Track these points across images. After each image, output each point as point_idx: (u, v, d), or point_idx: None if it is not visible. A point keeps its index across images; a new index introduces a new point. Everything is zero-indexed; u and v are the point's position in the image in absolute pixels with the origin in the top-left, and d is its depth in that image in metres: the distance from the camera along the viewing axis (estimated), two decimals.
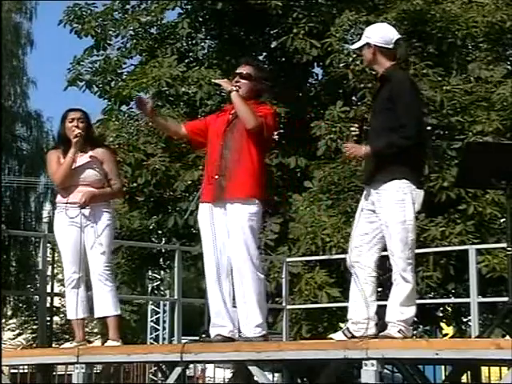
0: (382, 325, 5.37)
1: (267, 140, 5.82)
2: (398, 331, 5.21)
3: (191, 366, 12.61)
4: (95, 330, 25.32)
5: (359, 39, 5.66)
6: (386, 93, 5.40)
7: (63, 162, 6.49)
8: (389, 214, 5.32)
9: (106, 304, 6.40)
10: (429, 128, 11.29)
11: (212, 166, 5.76)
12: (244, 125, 5.67)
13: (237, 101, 5.72)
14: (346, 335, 5.39)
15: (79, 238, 6.42)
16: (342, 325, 11.46)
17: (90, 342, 9.27)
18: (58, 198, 6.62)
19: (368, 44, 5.48)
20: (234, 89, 5.78)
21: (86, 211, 6.41)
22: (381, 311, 5.43)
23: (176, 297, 9.45)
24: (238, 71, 5.98)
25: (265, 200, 5.84)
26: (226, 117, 5.87)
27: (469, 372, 6.77)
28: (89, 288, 6.53)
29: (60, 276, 33.34)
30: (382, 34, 5.51)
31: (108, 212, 6.53)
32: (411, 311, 5.32)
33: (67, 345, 6.63)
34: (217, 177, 5.68)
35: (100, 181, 6.51)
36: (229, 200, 5.66)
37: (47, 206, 29.51)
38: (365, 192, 5.58)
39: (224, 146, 5.71)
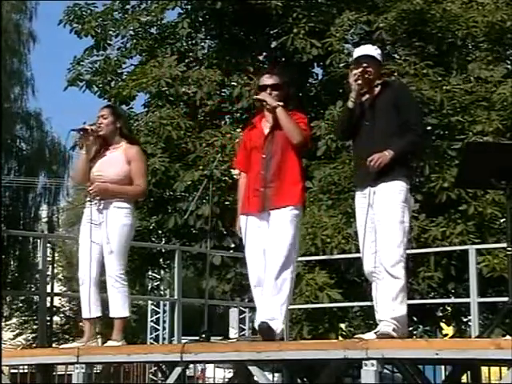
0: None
1: (306, 148, 5.99)
2: (393, 330, 5.21)
3: (191, 365, 12.60)
4: (95, 330, 25.28)
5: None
6: (388, 97, 5.54)
7: (78, 159, 6.47)
8: (388, 212, 5.37)
9: (115, 304, 6.29)
10: (429, 128, 11.31)
11: (255, 178, 5.80)
12: (286, 137, 5.73)
13: (283, 117, 5.74)
14: (378, 337, 5.32)
15: (95, 236, 6.31)
16: (342, 325, 11.47)
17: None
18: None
19: (380, 62, 5.71)
20: (281, 104, 5.77)
21: (100, 208, 6.29)
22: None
23: (176, 297, 9.45)
24: (266, 83, 5.89)
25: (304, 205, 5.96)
26: (260, 129, 5.90)
27: (469, 372, 6.76)
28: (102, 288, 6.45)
29: (60, 276, 33.35)
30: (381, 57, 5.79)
31: (122, 209, 6.31)
32: (403, 309, 5.33)
33: (75, 344, 6.56)
34: (262, 189, 5.74)
35: (120, 180, 6.33)
36: (275, 208, 5.71)
37: (45, 207, 29.53)
38: (360, 197, 5.59)
39: (266, 158, 5.76)
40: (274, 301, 5.62)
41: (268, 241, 5.72)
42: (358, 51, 5.75)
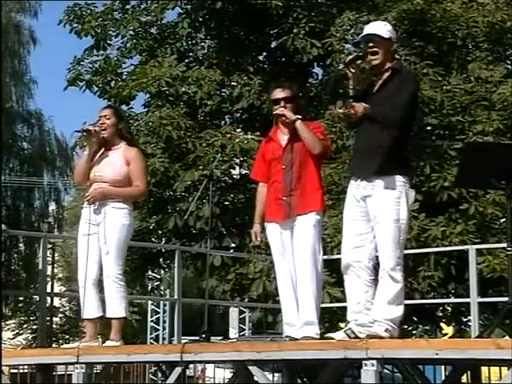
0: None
1: (326, 156, 6.22)
2: (385, 330, 5.18)
3: (191, 365, 12.60)
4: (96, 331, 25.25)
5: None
6: (394, 84, 5.37)
7: (80, 159, 6.48)
8: (382, 211, 5.28)
9: (112, 305, 6.30)
10: (429, 128, 11.30)
11: (277, 187, 5.94)
12: (304, 147, 5.85)
13: (302, 129, 5.86)
14: (348, 336, 5.33)
15: (94, 237, 6.32)
16: (342, 325, 11.46)
17: None
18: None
19: (390, 39, 5.50)
20: (299, 117, 5.88)
21: (98, 209, 6.29)
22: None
23: (176, 297, 9.45)
24: (278, 97, 5.96)
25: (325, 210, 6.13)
26: (277, 141, 6.01)
27: (469, 372, 6.75)
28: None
29: (60, 276, 33.25)
30: (394, 33, 5.63)
31: (121, 209, 6.33)
32: (399, 311, 5.28)
33: (82, 344, 6.54)
34: (284, 198, 5.87)
35: (119, 180, 6.34)
36: (300, 214, 5.84)
37: (50, 206, 29.52)
38: (354, 187, 5.52)
39: (286, 168, 5.90)
40: (310, 306, 5.74)
41: (294, 245, 5.85)
42: (366, 29, 5.56)
